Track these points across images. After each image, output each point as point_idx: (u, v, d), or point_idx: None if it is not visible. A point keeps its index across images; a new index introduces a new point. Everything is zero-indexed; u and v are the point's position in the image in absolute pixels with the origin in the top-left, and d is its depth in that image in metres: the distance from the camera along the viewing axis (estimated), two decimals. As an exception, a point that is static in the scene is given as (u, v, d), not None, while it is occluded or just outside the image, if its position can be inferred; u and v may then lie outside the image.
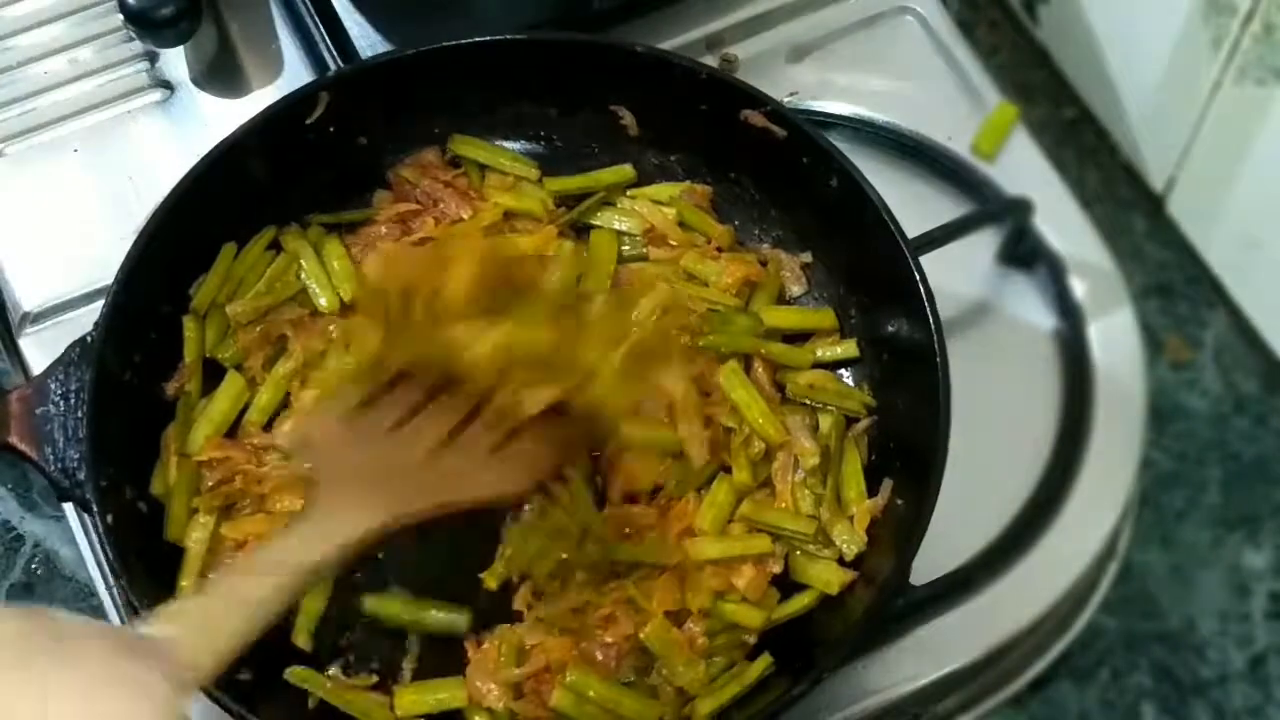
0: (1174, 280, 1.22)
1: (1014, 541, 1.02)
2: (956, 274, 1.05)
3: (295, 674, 0.94)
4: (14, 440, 0.94)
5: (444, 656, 0.96)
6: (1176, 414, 1.17)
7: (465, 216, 1.05)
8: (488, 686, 0.93)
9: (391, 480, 0.86)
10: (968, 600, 1.00)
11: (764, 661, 0.93)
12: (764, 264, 1.05)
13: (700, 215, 1.06)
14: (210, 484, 0.97)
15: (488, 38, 1.04)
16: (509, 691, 0.93)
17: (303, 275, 1.04)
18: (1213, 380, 1.19)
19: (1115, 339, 1.08)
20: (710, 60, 1.16)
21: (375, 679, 0.95)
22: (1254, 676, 1.10)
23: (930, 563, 0.94)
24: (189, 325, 1.01)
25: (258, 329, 1.02)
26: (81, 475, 0.93)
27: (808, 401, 1.00)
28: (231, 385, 1.00)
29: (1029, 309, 1.09)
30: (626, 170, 1.08)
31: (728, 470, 0.98)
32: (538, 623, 0.95)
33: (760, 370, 1.01)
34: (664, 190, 1.07)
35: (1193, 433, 1.17)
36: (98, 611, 1.06)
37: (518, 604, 0.96)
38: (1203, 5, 1.09)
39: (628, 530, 0.97)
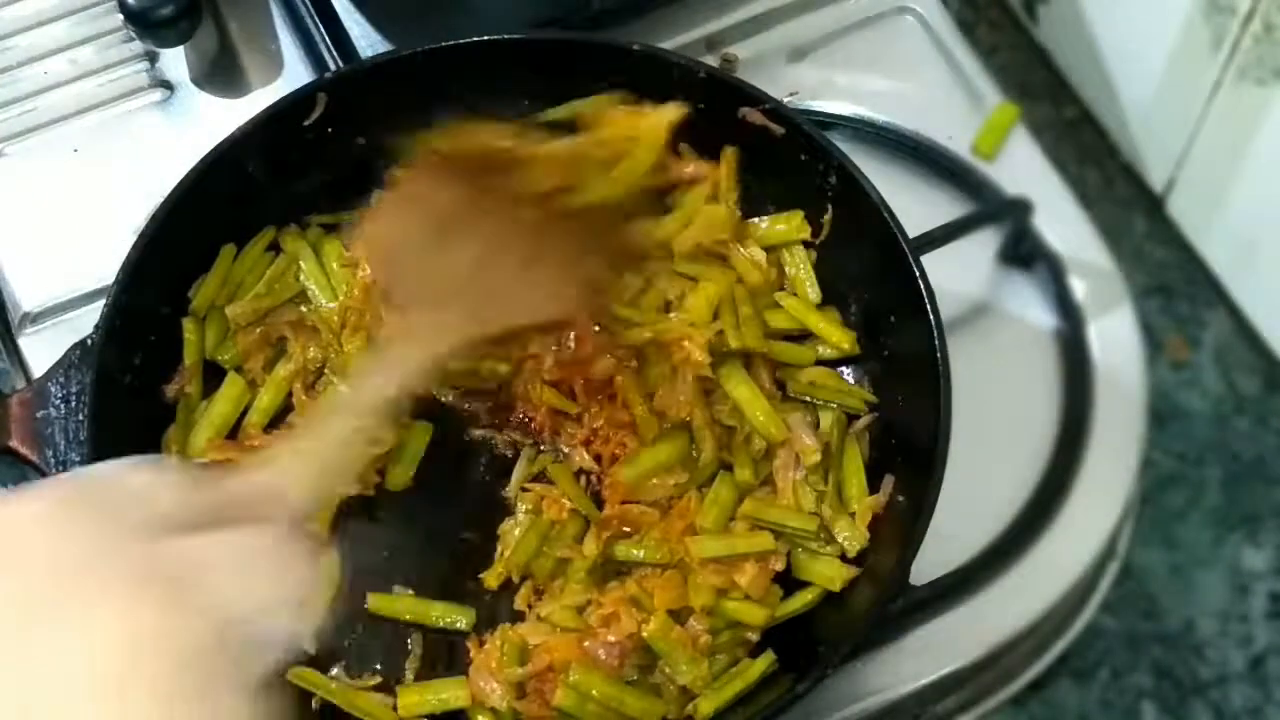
0: (1174, 280, 1.22)
1: (1014, 541, 1.02)
2: (956, 274, 1.05)
3: (299, 675, 0.94)
4: (15, 444, 0.94)
5: (446, 656, 0.96)
6: (1176, 414, 1.17)
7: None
8: (490, 686, 0.93)
9: (450, 297, 0.86)
10: (968, 600, 1.00)
11: (767, 659, 0.93)
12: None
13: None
14: None
15: (487, 37, 1.04)
16: (512, 691, 0.93)
17: (302, 276, 1.04)
18: (1213, 380, 1.19)
19: (1115, 339, 1.08)
20: (710, 60, 1.16)
21: (378, 679, 0.95)
22: (1254, 676, 1.10)
23: (930, 563, 0.94)
24: (188, 327, 1.01)
25: (257, 331, 1.02)
26: (83, 477, 0.93)
27: (808, 399, 1.01)
28: (232, 387, 1.00)
29: (1029, 309, 1.09)
30: None
31: (729, 468, 0.98)
32: (539, 622, 0.95)
33: (760, 368, 1.01)
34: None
35: (1193, 433, 1.17)
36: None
37: (519, 604, 0.96)
38: (1203, 5, 1.09)
39: (628, 529, 0.97)
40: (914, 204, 1.04)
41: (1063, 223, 1.11)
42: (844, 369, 1.03)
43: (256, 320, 1.02)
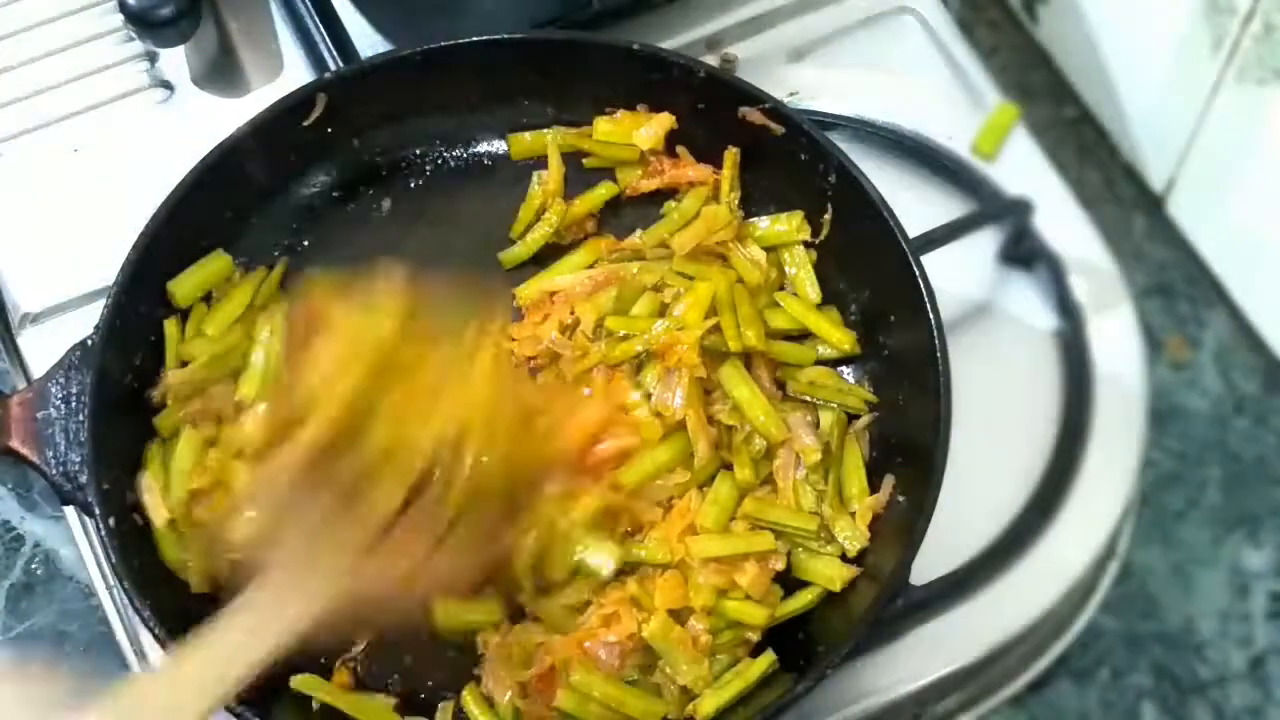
0: (1174, 280, 1.22)
1: (1014, 541, 1.02)
2: (956, 274, 1.05)
3: (301, 682, 0.93)
4: (15, 444, 0.94)
5: (450, 656, 0.96)
6: (1176, 414, 1.17)
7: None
8: (500, 679, 0.93)
9: (333, 560, 0.81)
10: (968, 600, 1.00)
11: (767, 659, 0.93)
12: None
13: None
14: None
15: (486, 37, 1.05)
16: (516, 690, 0.93)
17: (252, 357, 1.01)
18: (1213, 380, 1.19)
19: (1115, 339, 1.08)
20: (710, 60, 1.16)
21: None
22: (1254, 676, 1.10)
23: (930, 563, 0.94)
24: (171, 328, 1.00)
25: (196, 404, 0.99)
26: (83, 479, 0.93)
27: (808, 398, 1.01)
28: (189, 442, 0.98)
29: (1029, 309, 1.09)
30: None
31: (729, 468, 0.98)
32: (535, 622, 0.95)
33: (761, 367, 1.01)
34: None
35: (1193, 433, 1.17)
36: (98, 611, 1.06)
37: (523, 600, 0.96)
38: (1203, 5, 1.09)
39: (630, 529, 0.97)
40: (914, 204, 1.04)
41: (1063, 223, 1.11)
42: (844, 369, 1.03)
43: (194, 393, 0.99)
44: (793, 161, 1.03)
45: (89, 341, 0.96)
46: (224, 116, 1.12)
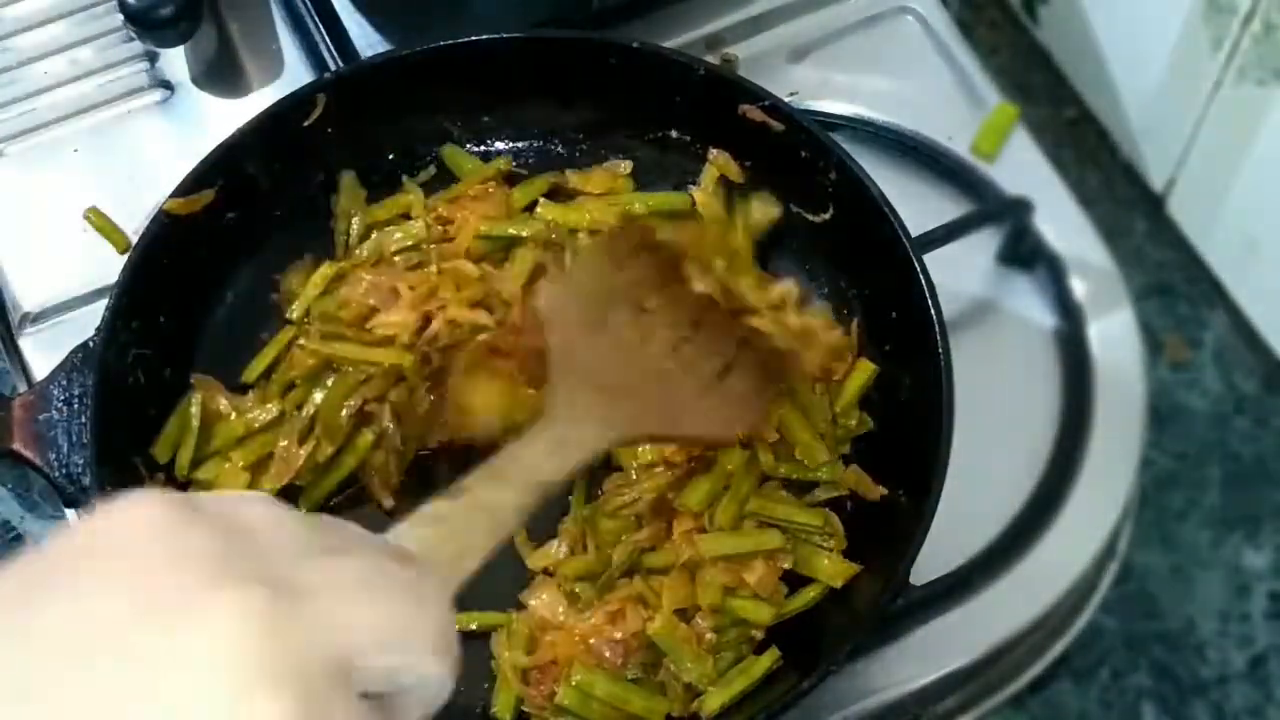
0: (1174, 280, 1.22)
1: (1014, 541, 1.02)
2: (956, 274, 1.05)
3: None
4: (18, 447, 0.94)
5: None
6: (1176, 414, 1.17)
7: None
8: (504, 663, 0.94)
9: (625, 390, 0.86)
10: (968, 600, 1.00)
11: (771, 655, 0.93)
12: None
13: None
14: None
15: (486, 37, 1.04)
16: (518, 676, 0.93)
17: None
18: (1213, 380, 1.19)
19: (1115, 339, 1.08)
20: (711, 60, 1.16)
21: None
22: (1254, 676, 1.10)
23: (930, 563, 0.94)
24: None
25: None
26: (86, 481, 0.93)
27: None
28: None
29: (1029, 309, 1.09)
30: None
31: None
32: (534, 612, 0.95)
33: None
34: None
35: (1193, 433, 1.17)
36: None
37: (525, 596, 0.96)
38: (1203, 5, 1.09)
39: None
40: (914, 204, 1.03)
41: (1063, 223, 1.11)
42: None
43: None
44: (793, 159, 1.03)
45: (90, 343, 0.96)
46: (224, 116, 1.12)
